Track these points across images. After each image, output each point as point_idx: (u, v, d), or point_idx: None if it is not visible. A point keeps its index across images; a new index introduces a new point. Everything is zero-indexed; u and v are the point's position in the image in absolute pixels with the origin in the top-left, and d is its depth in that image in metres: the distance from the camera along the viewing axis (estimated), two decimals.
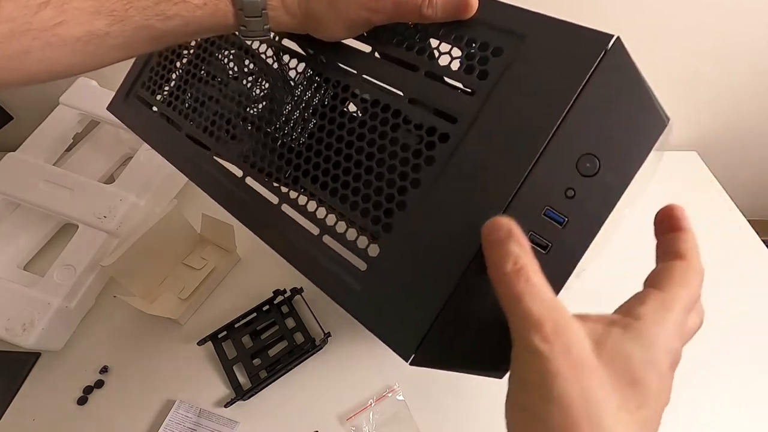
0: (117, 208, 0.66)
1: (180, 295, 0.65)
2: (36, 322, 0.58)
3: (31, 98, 0.85)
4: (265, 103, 0.31)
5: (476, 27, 0.24)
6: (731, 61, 0.74)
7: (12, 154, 0.70)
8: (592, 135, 0.21)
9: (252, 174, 0.30)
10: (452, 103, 0.24)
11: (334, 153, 0.27)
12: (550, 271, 0.21)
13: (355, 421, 0.53)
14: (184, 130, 0.35)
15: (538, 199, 0.22)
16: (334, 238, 0.27)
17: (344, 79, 0.29)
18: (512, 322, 0.19)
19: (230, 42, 0.35)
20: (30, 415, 0.57)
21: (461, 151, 0.23)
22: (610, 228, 0.24)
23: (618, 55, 0.21)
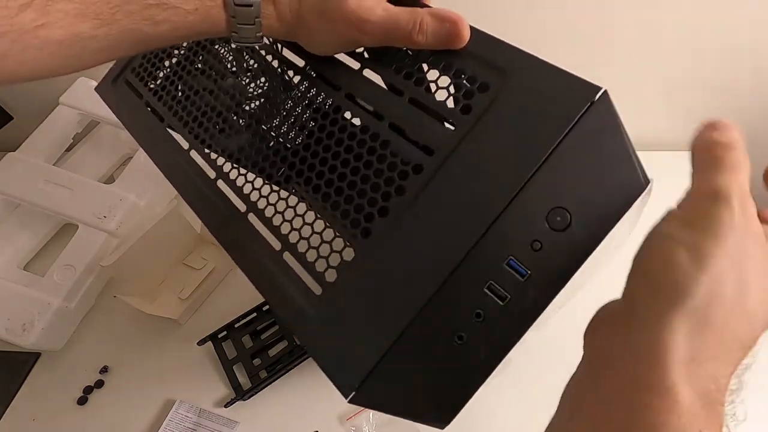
0: (117, 208, 0.66)
1: (180, 295, 0.65)
2: (36, 322, 0.58)
3: (31, 98, 0.85)
4: (262, 101, 0.31)
5: (466, 59, 0.23)
6: (731, 60, 0.74)
7: (12, 154, 0.70)
8: (566, 189, 0.20)
9: (239, 169, 0.29)
10: (431, 134, 0.23)
11: (319, 162, 0.26)
12: (504, 325, 0.20)
13: (355, 421, 0.53)
14: (167, 122, 0.34)
15: (502, 247, 0.21)
16: (294, 256, 0.26)
17: (330, 94, 0.28)
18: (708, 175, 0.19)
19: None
20: (30, 415, 0.57)
21: (433, 185, 0.22)
22: (579, 280, 0.23)
23: (602, 109, 0.20)
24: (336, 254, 0.25)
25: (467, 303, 0.21)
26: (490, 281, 0.21)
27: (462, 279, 0.21)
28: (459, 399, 0.21)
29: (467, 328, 0.21)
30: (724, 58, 0.73)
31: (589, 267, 0.23)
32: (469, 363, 0.21)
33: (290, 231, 0.26)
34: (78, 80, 0.76)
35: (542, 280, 0.20)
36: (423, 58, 0.25)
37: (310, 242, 0.26)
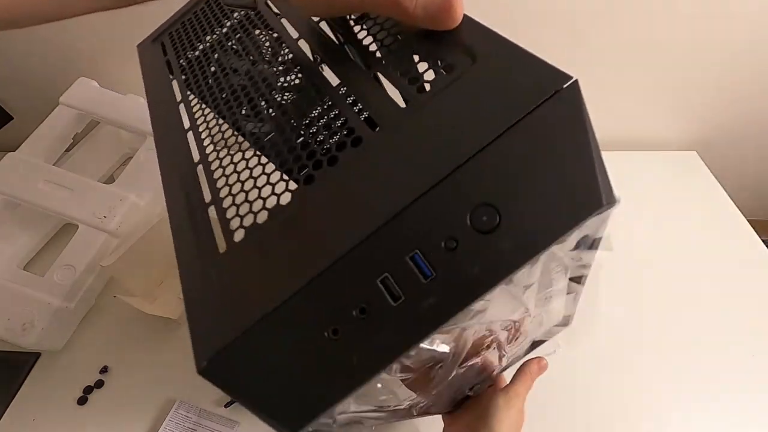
0: (117, 208, 0.66)
1: (180, 295, 0.64)
2: (36, 322, 0.58)
3: (31, 98, 0.85)
4: (293, 96, 0.30)
5: (440, 38, 0.21)
6: (731, 60, 0.74)
7: (12, 154, 0.70)
8: (501, 185, 0.17)
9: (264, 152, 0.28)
10: (381, 109, 0.21)
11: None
12: (388, 331, 0.17)
13: None
14: (183, 97, 0.33)
15: (409, 238, 0.17)
16: (216, 211, 0.24)
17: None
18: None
19: (269, 25, 0.33)
20: (30, 415, 0.57)
21: (365, 160, 0.20)
22: (509, 304, 0.21)
23: (568, 100, 0.16)
24: (251, 215, 0.22)
25: (353, 293, 0.17)
26: (386, 274, 0.17)
27: (355, 263, 0.17)
28: (312, 407, 0.18)
29: (345, 322, 0.17)
30: (724, 58, 0.73)
31: (522, 289, 0.20)
32: (336, 365, 0.18)
33: (223, 186, 0.25)
34: (78, 80, 0.76)
35: (447, 288, 0.17)
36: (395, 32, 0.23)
37: (235, 200, 0.24)
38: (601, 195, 0.16)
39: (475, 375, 0.41)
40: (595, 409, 0.53)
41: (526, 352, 0.47)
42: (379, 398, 0.27)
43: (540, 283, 0.24)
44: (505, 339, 0.35)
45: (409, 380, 0.27)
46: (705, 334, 0.59)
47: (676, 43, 0.71)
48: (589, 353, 0.55)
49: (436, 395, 0.36)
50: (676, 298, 0.62)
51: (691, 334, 0.59)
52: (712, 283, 0.64)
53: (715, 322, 0.60)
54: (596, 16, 0.68)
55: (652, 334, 0.58)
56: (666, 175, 0.79)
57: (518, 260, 0.17)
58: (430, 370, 0.28)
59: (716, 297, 0.62)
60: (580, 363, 0.54)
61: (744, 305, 0.61)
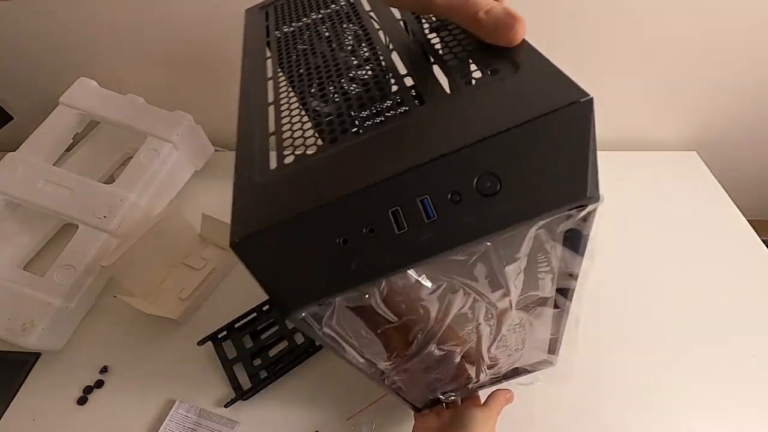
0: (117, 208, 0.66)
1: (180, 295, 0.65)
2: (36, 322, 0.58)
3: (31, 98, 0.86)
4: (359, 89, 0.32)
5: (492, 49, 0.25)
6: (731, 61, 0.74)
7: (12, 154, 0.70)
8: (508, 161, 0.21)
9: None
10: (430, 89, 0.26)
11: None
12: (387, 251, 0.21)
13: (355, 421, 0.53)
14: (275, 68, 0.37)
15: (423, 184, 0.21)
16: (276, 139, 0.29)
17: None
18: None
19: (359, 20, 0.38)
20: (30, 415, 0.57)
21: (406, 123, 0.24)
22: (488, 273, 0.25)
23: (581, 113, 0.20)
24: (302, 147, 0.27)
25: (367, 215, 0.21)
26: (398, 207, 0.21)
27: (376, 193, 0.21)
28: (308, 296, 0.22)
29: (354, 236, 0.21)
30: (724, 58, 0.73)
31: (504, 264, 0.25)
32: (338, 266, 0.22)
33: (286, 123, 0.30)
34: (78, 80, 0.76)
35: (444, 230, 0.21)
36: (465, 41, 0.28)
37: (293, 134, 0.29)
38: (587, 188, 0.20)
39: (449, 375, 0.43)
40: (595, 409, 0.53)
41: (506, 377, 0.49)
42: (360, 332, 0.29)
43: (526, 271, 0.27)
44: (487, 338, 0.36)
45: (390, 329, 0.29)
46: (705, 334, 0.59)
47: (676, 43, 0.71)
48: (588, 353, 0.55)
49: (410, 376, 0.39)
50: (676, 297, 0.62)
51: (691, 333, 0.59)
52: (712, 283, 0.64)
53: (715, 322, 0.60)
54: (596, 17, 0.68)
55: (651, 334, 0.58)
56: (666, 175, 0.79)
57: (506, 222, 0.21)
58: (410, 329, 0.30)
59: (716, 297, 0.62)
60: (579, 356, 0.54)
61: (744, 305, 0.61)
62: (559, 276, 0.29)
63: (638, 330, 0.59)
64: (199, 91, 0.84)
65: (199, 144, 0.81)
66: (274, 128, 0.30)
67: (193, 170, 0.81)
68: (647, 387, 0.54)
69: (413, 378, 0.40)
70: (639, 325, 0.59)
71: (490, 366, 0.44)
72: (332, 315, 0.25)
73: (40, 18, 0.74)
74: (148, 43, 0.77)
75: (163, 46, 0.77)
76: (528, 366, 0.48)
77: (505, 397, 0.47)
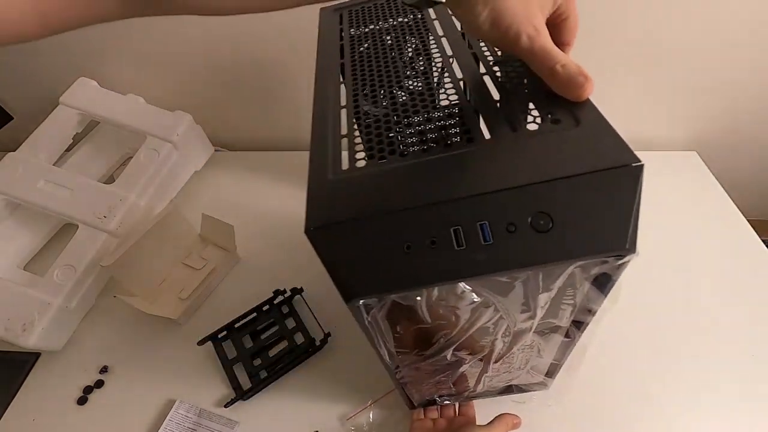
0: (117, 208, 0.66)
1: (180, 295, 0.65)
2: (36, 322, 0.58)
3: (31, 98, 0.86)
4: (407, 97, 0.34)
5: (559, 100, 0.28)
6: (731, 61, 0.74)
7: (12, 154, 0.70)
8: (564, 205, 0.23)
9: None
10: (496, 126, 0.28)
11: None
12: (443, 263, 0.24)
13: (355, 421, 0.53)
14: (347, 71, 0.39)
15: (485, 211, 0.24)
16: (348, 141, 0.31)
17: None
18: None
19: (421, 35, 0.40)
20: (30, 415, 0.57)
21: (474, 152, 0.27)
22: (519, 298, 0.27)
23: (632, 176, 0.23)
24: (371, 152, 0.29)
25: (432, 229, 0.24)
26: (460, 227, 0.24)
27: (443, 211, 0.24)
28: (375, 286, 0.25)
29: (418, 245, 0.24)
30: (724, 58, 0.73)
31: (539, 290, 0.27)
32: (401, 267, 0.24)
33: (361, 128, 0.32)
34: (78, 80, 0.76)
35: (496, 254, 0.24)
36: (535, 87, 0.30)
37: (364, 138, 0.31)
38: (627, 242, 0.23)
39: (452, 380, 0.44)
40: (595, 409, 0.53)
41: (501, 392, 0.51)
42: (396, 327, 0.32)
43: (553, 300, 0.29)
44: (497, 353, 0.37)
45: (418, 329, 0.31)
46: (705, 334, 0.59)
47: (676, 43, 0.71)
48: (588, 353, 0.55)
49: (419, 374, 0.41)
50: (676, 297, 0.62)
51: (691, 333, 0.59)
52: (712, 283, 0.64)
53: (715, 322, 0.60)
54: (596, 17, 0.68)
55: (651, 333, 0.58)
56: (666, 175, 0.79)
57: (552, 258, 0.23)
58: (436, 332, 0.32)
59: (716, 297, 0.62)
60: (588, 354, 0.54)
61: (744, 305, 0.61)
62: (579, 310, 0.32)
63: (637, 330, 0.59)
64: (199, 91, 0.84)
65: (199, 144, 0.81)
66: (347, 130, 0.32)
67: (193, 170, 0.81)
68: (646, 387, 0.54)
69: (421, 377, 0.42)
70: (638, 325, 0.59)
71: (490, 378, 0.45)
72: (381, 308, 0.27)
73: None
74: (149, 43, 0.77)
75: (163, 46, 0.77)
76: (523, 385, 0.50)
77: (512, 422, 0.46)
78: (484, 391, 0.49)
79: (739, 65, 0.74)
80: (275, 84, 0.80)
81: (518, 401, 0.51)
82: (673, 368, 0.56)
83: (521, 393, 0.51)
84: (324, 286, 0.71)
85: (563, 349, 0.40)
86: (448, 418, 0.50)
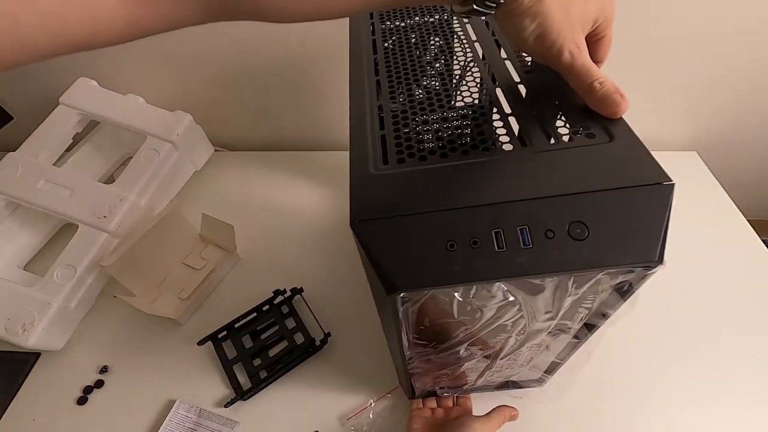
0: (117, 208, 0.66)
1: (180, 295, 0.65)
2: (36, 322, 0.58)
3: (31, 98, 0.86)
4: (421, 95, 0.35)
5: (594, 116, 0.29)
6: (731, 61, 0.74)
7: (12, 154, 0.70)
8: (600, 216, 0.25)
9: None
10: (534, 135, 0.30)
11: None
12: (485, 263, 0.25)
13: (355, 421, 0.53)
14: (381, 67, 0.39)
15: (527, 217, 0.25)
16: (381, 137, 0.32)
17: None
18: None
19: (446, 37, 0.41)
20: (30, 415, 0.57)
21: (515, 158, 0.28)
22: (546, 303, 0.29)
23: (663, 194, 0.25)
24: (411, 149, 0.30)
25: (474, 229, 0.25)
26: (501, 229, 0.25)
27: (486, 214, 0.25)
28: (418, 281, 0.25)
29: (461, 244, 0.25)
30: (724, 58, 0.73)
31: (565, 292, 0.28)
32: (443, 264, 0.25)
33: (399, 125, 0.33)
34: (78, 80, 0.76)
35: (534, 258, 0.25)
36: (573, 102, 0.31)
37: (402, 136, 0.32)
38: (657, 254, 0.25)
39: (456, 374, 0.44)
40: (592, 406, 0.53)
41: (498, 387, 0.52)
42: (424, 321, 0.32)
43: (573, 304, 0.30)
44: (508, 349, 0.38)
45: (442, 322, 0.32)
46: (705, 333, 0.59)
47: (676, 43, 0.71)
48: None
49: (428, 365, 0.42)
50: (676, 298, 0.62)
51: (690, 333, 0.59)
52: (712, 283, 0.64)
53: (715, 322, 0.60)
54: None
55: (650, 333, 0.58)
56: None
57: (586, 265, 0.25)
58: (457, 327, 0.33)
59: (716, 297, 0.62)
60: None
61: (744, 305, 0.61)
62: (594, 314, 0.34)
63: (636, 329, 0.59)
64: (199, 91, 0.84)
65: (199, 144, 0.81)
66: (385, 127, 0.33)
67: (193, 170, 0.81)
68: (646, 386, 0.54)
69: (429, 369, 0.43)
70: (636, 325, 0.59)
71: (492, 373, 0.45)
72: (416, 302, 0.28)
73: None
74: (149, 43, 0.77)
75: (163, 47, 0.77)
76: (520, 381, 0.51)
77: (510, 414, 0.47)
78: (483, 385, 0.50)
79: (739, 65, 0.74)
80: (275, 84, 0.80)
81: (515, 396, 0.51)
82: (672, 367, 0.56)
83: (517, 389, 0.51)
84: (324, 286, 0.71)
85: (568, 349, 0.41)
86: (446, 408, 0.51)
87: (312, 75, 0.78)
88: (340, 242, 0.72)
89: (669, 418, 0.52)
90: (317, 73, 0.77)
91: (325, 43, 0.72)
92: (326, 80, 0.78)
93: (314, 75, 0.78)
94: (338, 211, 0.78)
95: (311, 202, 0.79)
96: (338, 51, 0.71)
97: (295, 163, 0.86)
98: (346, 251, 0.70)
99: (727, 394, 0.53)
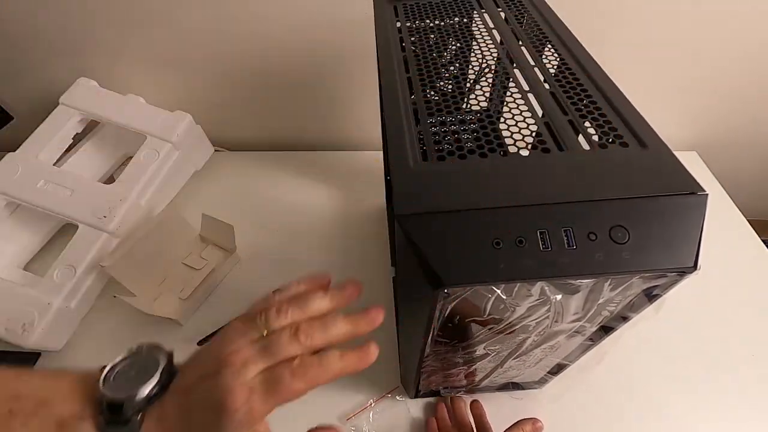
0: (117, 208, 0.66)
1: (180, 295, 0.65)
2: (36, 322, 0.58)
3: (31, 98, 0.86)
4: (436, 96, 0.36)
5: (613, 117, 0.31)
6: (732, 61, 0.74)
7: (12, 154, 0.70)
8: (640, 220, 0.26)
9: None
10: (569, 140, 0.31)
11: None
12: (530, 262, 0.25)
13: (355, 421, 0.53)
14: (411, 64, 0.40)
15: (572, 218, 0.26)
16: (418, 132, 0.33)
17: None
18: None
19: (466, 40, 0.43)
20: None
21: (557, 161, 0.29)
22: (581, 303, 0.29)
23: (697, 203, 0.26)
24: (454, 152, 0.31)
25: (520, 228, 0.26)
26: (546, 230, 0.26)
27: (532, 214, 0.26)
28: (464, 277, 0.26)
29: (507, 242, 0.26)
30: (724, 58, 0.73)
31: (600, 294, 0.29)
32: (489, 262, 0.25)
33: (434, 119, 0.34)
34: (78, 80, 0.76)
35: (577, 259, 0.25)
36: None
37: (436, 132, 0.33)
38: (693, 260, 0.26)
39: (465, 373, 0.44)
40: (592, 408, 0.53)
41: (499, 389, 0.52)
42: (454, 318, 0.32)
43: (599, 306, 0.31)
44: (523, 350, 0.38)
45: (471, 320, 0.33)
46: (705, 333, 0.59)
47: (677, 43, 0.71)
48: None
49: (440, 364, 0.42)
50: (676, 298, 0.62)
51: (691, 333, 0.59)
52: (712, 284, 0.64)
53: (715, 321, 0.60)
54: (596, 17, 0.68)
55: (650, 333, 0.58)
56: None
57: (626, 267, 0.25)
58: (485, 326, 0.34)
59: (716, 297, 0.62)
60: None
61: (744, 305, 0.61)
62: (614, 317, 0.34)
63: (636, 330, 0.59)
64: (198, 91, 0.84)
65: (199, 144, 0.81)
66: (420, 123, 0.34)
67: (193, 170, 0.81)
68: (646, 387, 0.54)
69: (440, 367, 0.43)
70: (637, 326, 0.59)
71: (498, 374, 0.45)
72: (457, 298, 0.28)
73: (40, 17, 0.74)
74: (149, 43, 0.77)
75: (163, 47, 0.77)
76: (522, 382, 0.51)
77: (534, 426, 0.45)
78: (485, 386, 0.50)
79: (739, 66, 0.74)
80: (275, 84, 0.80)
81: (516, 398, 0.51)
82: (671, 367, 0.56)
83: (519, 390, 0.51)
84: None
85: (579, 351, 0.41)
86: (463, 424, 0.50)
87: (312, 75, 0.78)
88: (341, 242, 0.72)
89: (669, 418, 0.52)
90: (317, 73, 0.77)
91: (325, 43, 0.72)
92: (326, 80, 0.78)
93: (314, 75, 0.78)
94: (339, 210, 0.79)
95: (311, 201, 0.79)
96: (338, 51, 0.71)
97: (295, 163, 0.86)
98: (346, 251, 0.70)
99: (727, 393, 0.53)
